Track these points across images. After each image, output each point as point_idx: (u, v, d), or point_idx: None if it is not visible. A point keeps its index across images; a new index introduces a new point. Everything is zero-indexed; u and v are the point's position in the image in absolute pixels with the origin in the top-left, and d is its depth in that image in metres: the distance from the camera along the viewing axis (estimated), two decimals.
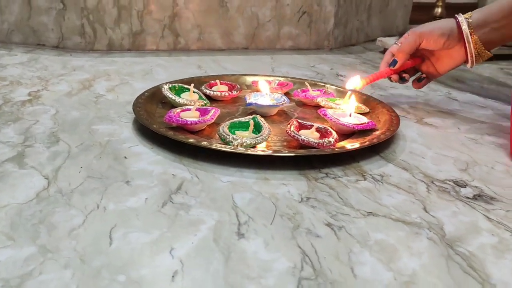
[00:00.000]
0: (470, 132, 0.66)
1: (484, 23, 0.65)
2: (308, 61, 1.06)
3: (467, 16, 0.67)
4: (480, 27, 0.65)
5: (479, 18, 0.66)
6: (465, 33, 0.66)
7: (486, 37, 0.66)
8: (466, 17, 0.66)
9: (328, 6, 1.15)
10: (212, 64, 0.97)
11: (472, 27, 0.65)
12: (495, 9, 0.65)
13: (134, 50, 1.03)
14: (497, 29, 0.65)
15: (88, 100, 0.70)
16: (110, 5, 0.98)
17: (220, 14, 1.07)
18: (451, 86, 0.91)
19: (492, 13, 0.65)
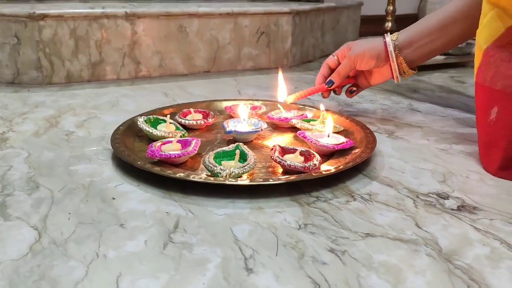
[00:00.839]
0: (439, 142, 0.69)
1: (409, 44, 0.73)
2: (271, 80, 1.07)
3: (394, 38, 0.73)
4: (405, 48, 0.73)
5: (404, 40, 0.73)
6: (391, 55, 0.73)
7: (411, 56, 0.74)
8: (393, 39, 0.73)
9: (285, 26, 1.18)
10: (178, 90, 0.96)
11: (398, 48, 0.73)
12: (418, 30, 0.73)
13: (94, 81, 1.00)
14: (420, 48, 0.73)
15: (59, 138, 0.67)
16: (66, 36, 0.95)
17: (179, 40, 1.07)
18: (411, 97, 0.95)
19: (416, 34, 0.73)
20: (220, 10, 1.09)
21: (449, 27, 0.72)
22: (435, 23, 0.72)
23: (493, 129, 0.60)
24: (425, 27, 0.73)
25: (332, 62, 0.78)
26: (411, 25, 0.75)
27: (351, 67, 0.75)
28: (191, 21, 1.07)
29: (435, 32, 0.72)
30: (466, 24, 0.72)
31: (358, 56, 0.74)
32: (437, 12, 0.74)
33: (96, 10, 0.97)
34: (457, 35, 0.73)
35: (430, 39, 0.73)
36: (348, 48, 0.76)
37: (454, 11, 0.72)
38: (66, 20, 0.95)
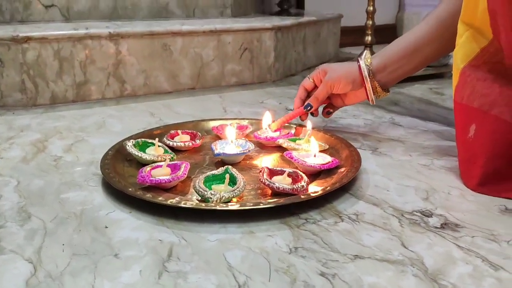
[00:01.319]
0: (421, 158, 0.71)
1: (383, 69, 0.76)
2: (256, 96, 1.09)
3: (368, 62, 0.76)
4: (379, 72, 0.76)
5: (378, 64, 0.76)
6: (366, 80, 0.76)
7: (385, 80, 0.77)
8: (367, 64, 0.76)
9: (268, 41, 1.20)
10: (164, 109, 0.97)
11: (372, 73, 0.76)
12: (390, 54, 0.76)
13: (79, 101, 1.00)
14: (393, 72, 0.77)
15: (48, 164, 0.68)
16: (50, 58, 0.95)
17: (164, 58, 1.08)
18: (392, 110, 0.98)
19: (388, 58, 0.76)
20: (203, 27, 1.11)
21: (419, 51, 0.75)
22: (406, 47, 0.76)
23: (472, 146, 0.62)
24: (396, 52, 0.76)
25: (308, 85, 0.81)
26: (385, 48, 0.79)
27: (328, 92, 0.78)
28: (174, 39, 1.08)
29: (406, 56, 0.76)
30: (436, 46, 0.75)
31: (335, 81, 0.77)
32: (408, 35, 0.77)
33: (79, 31, 0.97)
34: (427, 57, 0.76)
35: (401, 63, 0.76)
36: (323, 72, 0.79)
37: (423, 34, 0.75)
38: (50, 42, 0.95)
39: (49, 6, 1.12)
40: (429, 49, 0.76)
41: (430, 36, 0.75)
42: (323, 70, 0.80)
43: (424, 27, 0.76)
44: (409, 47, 0.76)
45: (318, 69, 0.81)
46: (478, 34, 0.63)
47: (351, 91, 0.79)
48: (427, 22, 0.76)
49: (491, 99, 0.61)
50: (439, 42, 0.75)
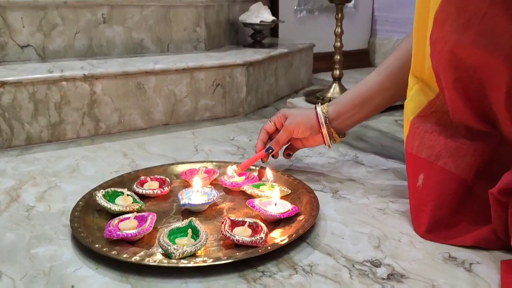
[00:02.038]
0: (378, 201, 0.76)
1: (338, 116, 0.82)
2: (227, 132, 1.13)
3: (324, 110, 0.82)
4: (334, 120, 0.82)
5: (333, 112, 0.82)
6: (322, 126, 0.82)
7: (340, 126, 0.83)
8: (324, 111, 0.82)
9: (239, 77, 1.24)
10: (137, 149, 1.00)
11: (328, 120, 0.81)
12: (345, 102, 0.82)
13: (54, 141, 1.03)
14: (347, 119, 0.82)
15: (20, 216, 0.70)
16: (26, 100, 0.98)
17: (138, 96, 1.11)
18: (356, 147, 1.03)
19: (342, 107, 0.82)
20: (176, 66, 1.14)
21: (371, 100, 0.81)
22: (358, 96, 0.81)
23: (420, 194, 0.67)
24: (350, 100, 0.82)
25: (270, 128, 0.86)
26: (340, 96, 0.84)
27: (288, 136, 0.84)
28: (148, 78, 1.11)
29: (358, 105, 0.81)
30: (386, 95, 0.80)
31: (294, 127, 0.82)
32: (361, 85, 0.82)
33: (54, 74, 1.00)
34: (379, 106, 0.82)
35: (355, 111, 0.81)
36: (284, 116, 0.84)
37: (375, 85, 0.80)
38: (25, 86, 0.97)
39: (25, 46, 1.14)
40: (380, 98, 0.81)
41: (381, 86, 0.80)
42: (284, 115, 0.85)
43: (376, 78, 0.81)
44: (362, 96, 0.81)
45: (279, 113, 0.86)
46: (426, 87, 0.68)
47: (309, 135, 0.83)
48: (378, 73, 0.81)
49: (437, 151, 0.66)
50: (390, 92, 0.81)
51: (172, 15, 1.31)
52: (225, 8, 1.49)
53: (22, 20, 1.12)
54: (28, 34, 1.14)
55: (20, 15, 1.12)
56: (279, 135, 0.84)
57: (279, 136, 0.84)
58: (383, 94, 0.81)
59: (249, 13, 1.49)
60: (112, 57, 1.23)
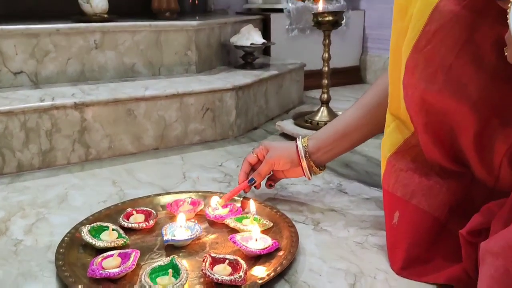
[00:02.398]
0: (357, 234, 0.78)
1: (317, 150, 0.84)
2: (216, 157, 1.15)
3: (305, 144, 0.84)
4: (314, 153, 0.84)
5: (313, 146, 0.84)
6: (302, 160, 0.84)
7: (319, 160, 0.85)
8: (304, 145, 0.84)
9: (229, 101, 1.26)
10: (126, 176, 1.02)
11: (308, 154, 0.84)
12: (324, 137, 0.84)
13: (45, 168, 1.05)
14: (327, 153, 0.85)
15: (8, 251, 0.72)
16: (17, 129, 1.00)
17: (128, 122, 1.13)
18: (341, 174, 1.05)
19: (322, 141, 0.84)
20: (166, 92, 1.17)
21: (348, 136, 0.83)
22: (336, 132, 0.84)
23: (396, 232, 0.69)
24: (328, 136, 0.84)
25: (252, 159, 0.89)
26: (320, 131, 0.87)
27: (269, 169, 0.86)
28: (138, 104, 1.14)
29: (337, 140, 0.84)
30: (363, 131, 0.83)
31: (275, 160, 0.85)
32: (339, 120, 0.85)
33: (46, 102, 1.02)
34: (356, 141, 0.84)
35: (333, 145, 0.84)
36: (266, 149, 0.87)
37: (352, 121, 0.83)
38: (16, 115, 1.00)
39: (18, 73, 1.17)
40: (358, 133, 0.83)
41: (357, 122, 0.83)
42: (266, 147, 0.87)
43: (353, 114, 0.83)
44: (340, 132, 0.83)
45: (261, 145, 0.88)
46: (403, 125, 0.70)
47: (290, 168, 0.86)
48: (356, 109, 0.83)
49: (411, 189, 0.68)
50: (367, 128, 0.83)
51: (163, 39, 1.34)
52: (216, 30, 1.51)
53: (15, 47, 1.15)
54: (21, 61, 1.16)
55: (14, 43, 1.14)
56: (261, 167, 0.86)
57: (261, 168, 0.86)
58: (360, 129, 0.83)
59: (240, 35, 1.51)
60: (104, 82, 1.25)
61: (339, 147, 0.85)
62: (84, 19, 1.29)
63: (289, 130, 1.29)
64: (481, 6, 0.55)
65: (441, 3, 0.58)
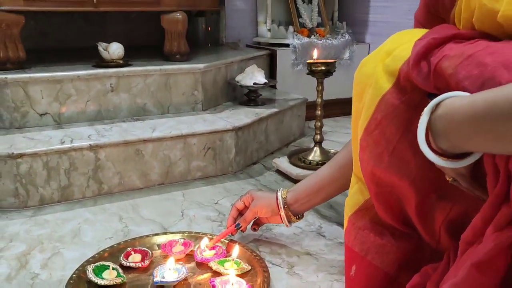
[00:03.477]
0: (325, 279, 0.89)
1: (295, 201, 0.96)
2: (214, 194, 1.28)
3: (284, 196, 0.96)
4: (292, 204, 0.96)
5: (291, 198, 0.96)
6: (280, 210, 0.96)
7: (297, 210, 0.97)
8: (283, 197, 0.96)
9: (229, 140, 1.39)
10: (132, 212, 1.16)
11: (286, 205, 0.96)
12: (302, 190, 0.96)
13: (63, 201, 1.20)
14: (304, 204, 0.96)
15: (26, 284, 0.87)
16: (40, 168, 1.15)
17: (136, 161, 1.27)
18: (324, 216, 1.16)
19: (300, 194, 0.95)
20: (171, 133, 1.30)
21: (323, 190, 0.94)
22: (312, 186, 0.95)
23: (353, 283, 0.80)
24: (305, 189, 0.96)
25: (240, 206, 1.01)
26: (298, 184, 0.98)
27: (253, 216, 0.99)
28: (146, 145, 1.28)
29: (313, 193, 0.95)
30: (337, 186, 0.94)
31: (258, 209, 0.97)
32: (315, 175, 0.96)
33: (65, 145, 1.18)
34: (331, 194, 0.96)
35: (310, 198, 0.95)
36: (251, 197, 0.99)
37: (326, 176, 0.94)
38: (40, 156, 1.15)
39: (43, 114, 1.32)
40: (332, 187, 0.95)
41: (331, 178, 0.94)
42: (251, 196, 1.00)
43: (327, 170, 0.95)
44: (315, 186, 0.95)
45: (248, 194, 1.01)
46: (364, 187, 0.81)
47: (271, 216, 0.98)
48: (330, 166, 0.95)
49: (367, 247, 0.79)
50: (340, 183, 0.94)
51: (172, 81, 1.48)
52: (223, 69, 1.65)
53: (42, 92, 1.31)
54: (46, 103, 1.32)
55: (40, 88, 1.30)
56: (246, 214, 0.99)
57: (246, 215, 0.98)
58: (334, 184, 0.95)
59: (244, 75, 1.64)
60: (118, 121, 1.40)
61: (315, 199, 0.96)
62: (103, 65, 1.44)
63: (283, 168, 1.41)
64: (417, 103, 0.66)
65: (386, 96, 0.69)
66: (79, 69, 1.38)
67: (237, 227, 0.99)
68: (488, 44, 0.54)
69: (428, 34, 0.63)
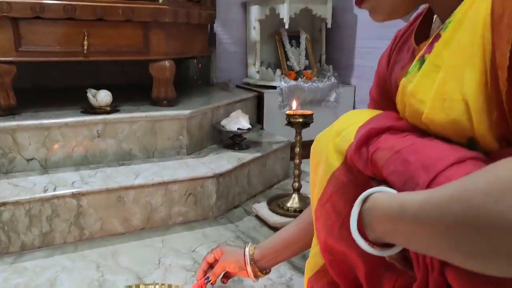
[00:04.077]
0: None
1: (262, 258, 0.99)
2: (193, 240, 1.32)
3: (251, 252, 0.99)
4: (258, 261, 0.99)
5: (258, 254, 0.99)
6: (247, 265, 0.99)
7: (263, 266, 1.00)
8: (250, 253, 0.99)
9: (210, 186, 1.44)
10: (110, 259, 1.20)
11: (253, 261, 0.99)
12: (268, 246, 0.99)
13: (44, 247, 1.24)
14: (270, 260, 0.99)
15: None
16: (22, 216, 1.20)
17: (118, 207, 1.32)
18: (296, 267, 1.19)
19: (266, 250, 0.99)
20: (153, 180, 1.35)
21: (288, 247, 0.98)
22: (279, 243, 0.99)
23: None
24: (272, 246, 0.99)
25: (210, 259, 1.05)
26: (265, 241, 1.02)
27: (222, 270, 1.03)
28: (128, 192, 1.32)
29: (279, 250, 0.99)
30: (302, 243, 0.97)
31: (226, 263, 1.01)
32: (282, 233, 1.00)
33: (48, 193, 1.22)
34: (296, 251, 0.99)
35: (276, 255, 0.99)
36: (221, 251, 1.03)
37: (292, 234, 0.98)
38: (23, 204, 1.20)
39: (30, 160, 1.38)
40: (297, 245, 0.98)
41: (296, 236, 0.98)
42: (221, 250, 1.04)
43: (293, 228, 0.99)
44: (282, 243, 0.99)
45: (218, 248, 1.04)
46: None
47: (239, 270, 1.01)
48: (296, 224, 0.99)
49: None
50: (305, 241, 0.98)
51: (158, 127, 1.53)
52: (209, 114, 1.70)
53: (29, 138, 1.36)
54: (34, 149, 1.37)
55: (28, 135, 1.36)
56: (215, 268, 1.02)
57: (215, 269, 1.02)
58: (299, 242, 0.98)
59: (229, 119, 1.69)
60: (103, 166, 1.45)
61: (281, 256, 1.00)
62: (90, 111, 1.49)
63: (262, 214, 1.45)
64: (362, 182, 0.71)
65: (335, 172, 0.74)
66: (68, 115, 1.43)
67: (207, 280, 1.02)
68: (415, 141, 0.59)
69: (370, 122, 0.68)
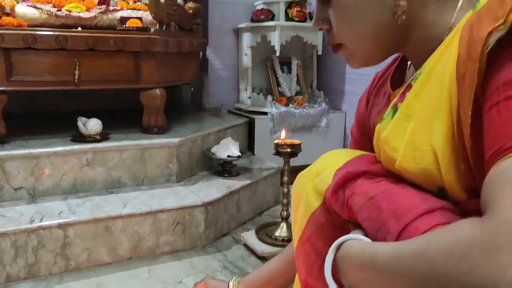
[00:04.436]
0: None
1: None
2: (179, 271, 1.31)
3: (235, 286, 0.99)
4: None
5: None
6: None
7: None
8: (235, 284, 0.98)
9: (198, 215, 1.44)
10: None
11: None
12: (252, 280, 0.98)
13: (29, 278, 1.23)
14: None
15: None
16: (8, 247, 1.20)
17: (106, 237, 1.31)
18: None
19: (251, 283, 0.98)
20: (141, 210, 1.35)
21: (272, 281, 0.98)
22: (263, 277, 0.99)
23: None
24: (256, 280, 0.99)
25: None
26: (250, 274, 1.02)
27: None
28: (115, 221, 1.32)
29: (263, 284, 0.98)
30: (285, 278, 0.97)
31: None
32: (266, 267, 1.00)
33: (34, 224, 1.22)
34: (281, 284, 0.99)
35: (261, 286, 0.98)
36: (205, 285, 1.03)
37: (275, 269, 0.98)
38: (8, 235, 1.19)
39: (18, 189, 1.38)
40: (281, 280, 0.98)
41: (280, 271, 0.98)
42: (206, 283, 1.03)
43: (277, 263, 0.99)
44: (265, 277, 0.99)
45: (202, 281, 1.04)
46: None
47: None
48: (279, 259, 0.99)
49: None
50: (289, 275, 0.98)
51: (147, 155, 1.54)
52: (199, 141, 1.71)
53: (18, 167, 1.36)
54: (22, 178, 1.37)
55: (17, 164, 1.36)
56: None
57: None
58: (283, 276, 0.99)
59: (219, 147, 1.70)
60: (92, 194, 1.45)
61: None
62: (80, 139, 1.50)
63: (250, 243, 1.45)
64: (340, 224, 0.71)
65: (315, 213, 0.74)
66: (57, 144, 1.44)
67: None
68: (389, 187, 0.59)
69: (346, 165, 0.69)
